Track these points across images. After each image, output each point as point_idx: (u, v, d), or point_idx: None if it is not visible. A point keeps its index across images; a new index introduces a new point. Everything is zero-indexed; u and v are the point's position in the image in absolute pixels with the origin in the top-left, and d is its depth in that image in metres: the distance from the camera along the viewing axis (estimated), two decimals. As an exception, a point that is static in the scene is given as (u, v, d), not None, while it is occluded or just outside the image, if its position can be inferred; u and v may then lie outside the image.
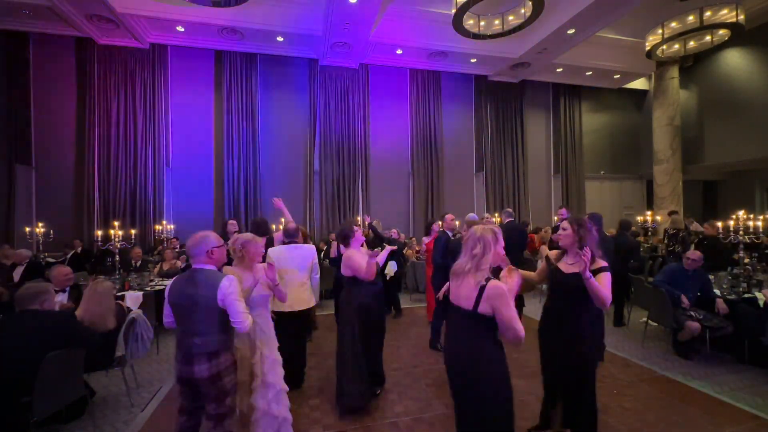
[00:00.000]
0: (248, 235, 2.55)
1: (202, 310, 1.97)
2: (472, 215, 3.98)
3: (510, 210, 5.50)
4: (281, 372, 2.51)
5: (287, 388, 2.54)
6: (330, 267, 5.95)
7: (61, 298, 3.55)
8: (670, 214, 8.27)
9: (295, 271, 3.29)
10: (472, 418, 1.84)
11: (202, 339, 1.98)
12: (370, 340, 3.23)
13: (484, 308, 1.76)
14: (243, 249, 2.45)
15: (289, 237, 3.44)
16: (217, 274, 2.05)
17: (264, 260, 2.93)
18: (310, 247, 3.47)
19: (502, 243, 1.91)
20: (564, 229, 2.37)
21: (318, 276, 3.49)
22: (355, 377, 3.02)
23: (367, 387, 3.12)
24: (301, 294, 3.29)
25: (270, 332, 2.53)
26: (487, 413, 1.80)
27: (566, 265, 2.38)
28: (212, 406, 2.02)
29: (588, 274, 2.13)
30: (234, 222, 4.76)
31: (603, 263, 2.26)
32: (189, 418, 2.08)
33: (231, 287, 1.98)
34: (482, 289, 1.75)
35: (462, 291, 1.85)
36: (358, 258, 3.10)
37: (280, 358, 2.54)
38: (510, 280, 2.00)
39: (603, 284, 2.17)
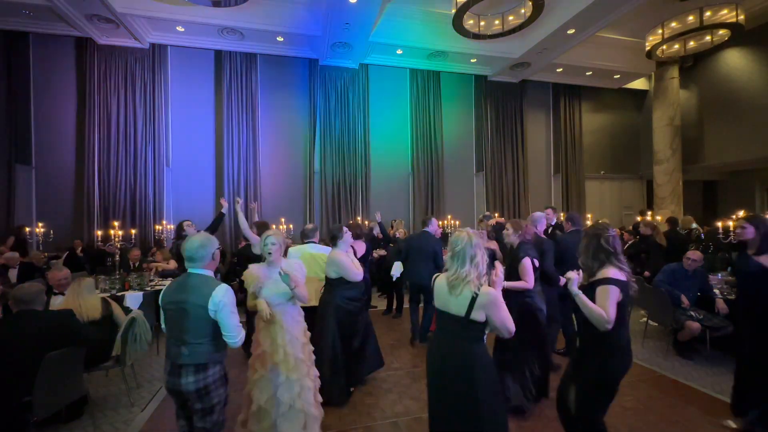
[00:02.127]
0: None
1: (191, 318, 1.86)
2: (538, 213, 3.90)
3: (488, 213, 5.54)
4: (305, 369, 2.50)
5: (312, 386, 2.52)
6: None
7: (61, 301, 3.53)
8: (642, 213, 8.38)
9: (312, 269, 3.42)
10: (464, 420, 1.85)
11: (190, 349, 1.87)
12: (348, 341, 3.28)
13: (476, 315, 1.81)
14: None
15: (307, 237, 3.57)
16: (212, 281, 1.93)
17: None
18: (328, 249, 3.53)
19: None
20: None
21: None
22: (333, 376, 3.14)
23: (344, 385, 3.24)
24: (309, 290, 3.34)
25: (293, 329, 2.50)
26: (483, 414, 1.82)
27: None
28: (198, 419, 1.95)
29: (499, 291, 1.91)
30: (190, 222, 4.67)
31: (604, 274, 1.99)
32: (187, 424, 2.04)
33: (226, 297, 1.87)
34: (474, 298, 1.80)
35: (454, 299, 1.86)
36: (346, 261, 3.22)
37: (304, 356, 2.51)
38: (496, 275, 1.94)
39: (598, 302, 1.95)
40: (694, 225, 7.23)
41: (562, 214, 6.21)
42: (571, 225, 4.17)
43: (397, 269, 5.68)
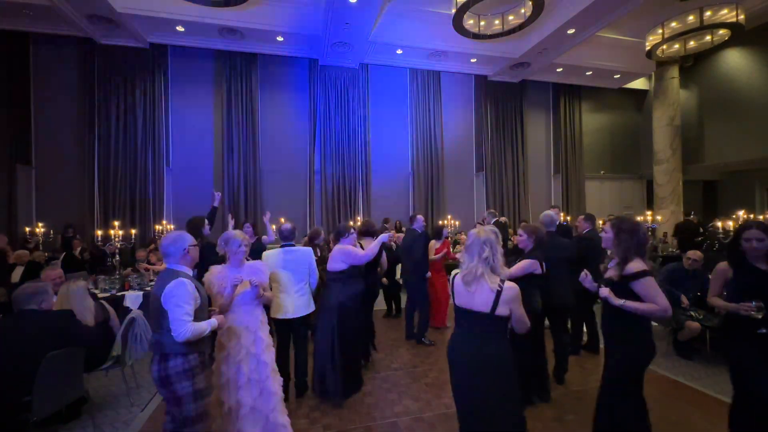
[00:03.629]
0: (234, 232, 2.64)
1: (154, 310, 1.99)
2: (553, 213, 3.90)
3: (493, 210, 5.58)
4: (268, 372, 2.50)
5: (276, 391, 2.52)
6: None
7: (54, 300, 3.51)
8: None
9: (290, 276, 3.17)
10: (490, 415, 1.88)
11: (155, 339, 2.00)
12: (347, 339, 3.26)
13: (501, 310, 1.84)
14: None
15: (285, 239, 3.35)
16: (171, 275, 2.01)
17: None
18: (307, 250, 3.35)
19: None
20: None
21: (315, 279, 3.35)
22: (331, 372, 3.17)
23: (342, 383, 3.23)
24: (298, 300, 3.19)
25: (257, 330, 2.51)
26: (507, 407, 1.89)
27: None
28: (172, 408, 2.02)
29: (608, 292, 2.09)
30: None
31: (635, 268, 2.01)
32: (171, 419, 2.08)
33: (175, 290, 1.94)
34: (499, 293, 1.82)
35: (477, 295, 1.88)
36: (350, 248, 3.31)
37: (268, 359, 2.52)
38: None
39: (647, 297, 2.01)
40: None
41: (562, 214, 6.24)
42: (590, 225, 4.33)
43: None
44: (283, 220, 7.89)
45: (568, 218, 9.20)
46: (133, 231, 7.13)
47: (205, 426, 2.11)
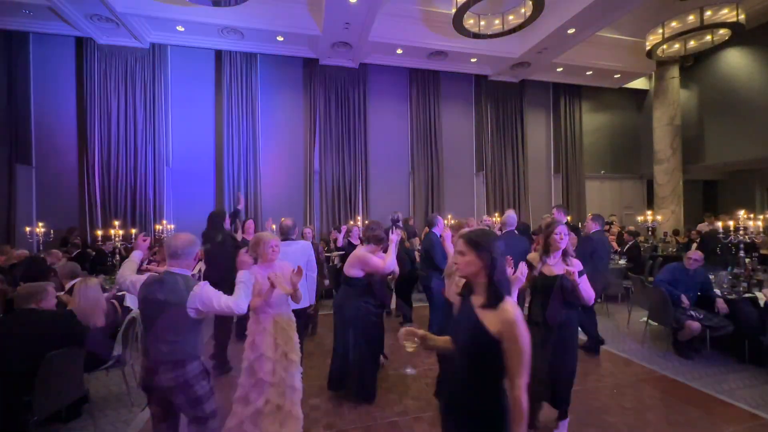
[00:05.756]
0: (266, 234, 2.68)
1: (170, 316, 1.92)
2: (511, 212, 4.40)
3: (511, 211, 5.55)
4: (294, 369, 2.57)
5: (299, 386, 2.60)
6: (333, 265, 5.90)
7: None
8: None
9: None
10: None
11: (170, 347, 1.93)
12: (362, 343, 3.24)
13: None
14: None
15: (284, 235, 3.37)
16: (189, 280, 1.99)
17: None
18: (306, 244, 3.41)
19: None
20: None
21: (315, 274, 3.41)
22: (347, 372, 3.22)
23: (358, 381, 3.25)
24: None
25: (290, 331, 2.57)
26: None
27: (549, 268, 2.59)
28: (189, 412, 1.99)
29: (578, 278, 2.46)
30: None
31: (579, 266, 2.55)
32: (167, 426, 2.05)
33: (207, 290, 1.96)
34: None
35: (451, 288, 2.02)
36: (374, 258, 3.14)
37: (295, 357, 2.59)
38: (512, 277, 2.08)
39: (585, 288, 2.52)
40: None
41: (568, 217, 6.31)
42: (598, 225, 4.42)
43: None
44: (283, 219, 7.92)
45: (568, 218, 9.19)
46: (133, 231, 7.14)
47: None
